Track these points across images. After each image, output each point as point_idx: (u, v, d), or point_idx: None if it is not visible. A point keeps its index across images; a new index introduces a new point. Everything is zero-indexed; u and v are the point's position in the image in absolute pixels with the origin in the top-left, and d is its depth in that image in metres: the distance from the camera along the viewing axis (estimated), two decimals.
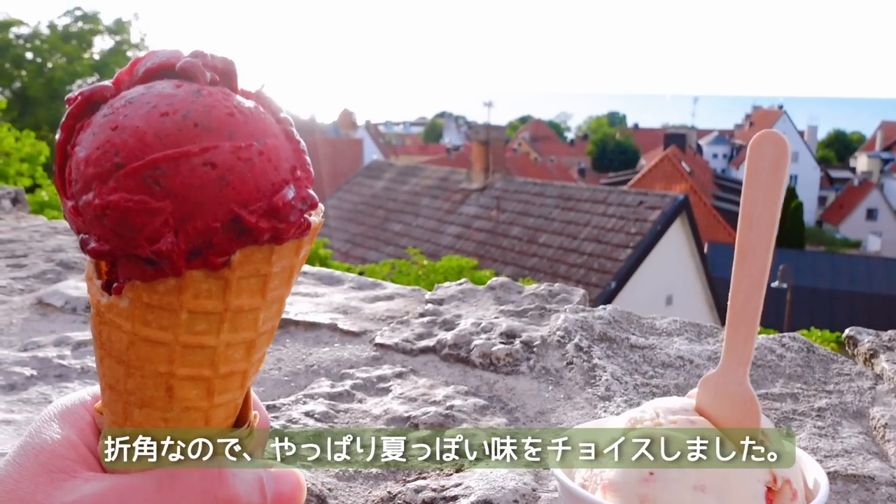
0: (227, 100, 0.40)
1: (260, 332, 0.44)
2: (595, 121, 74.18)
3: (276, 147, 0.41)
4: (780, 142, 0.45)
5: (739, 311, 0.48)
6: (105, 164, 0.39)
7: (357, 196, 20.90)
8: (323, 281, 1.43)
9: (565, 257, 15.40)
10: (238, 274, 0.40)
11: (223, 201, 0.38)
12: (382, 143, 53.48)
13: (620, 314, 1.17)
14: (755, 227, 0.46)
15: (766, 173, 0.45)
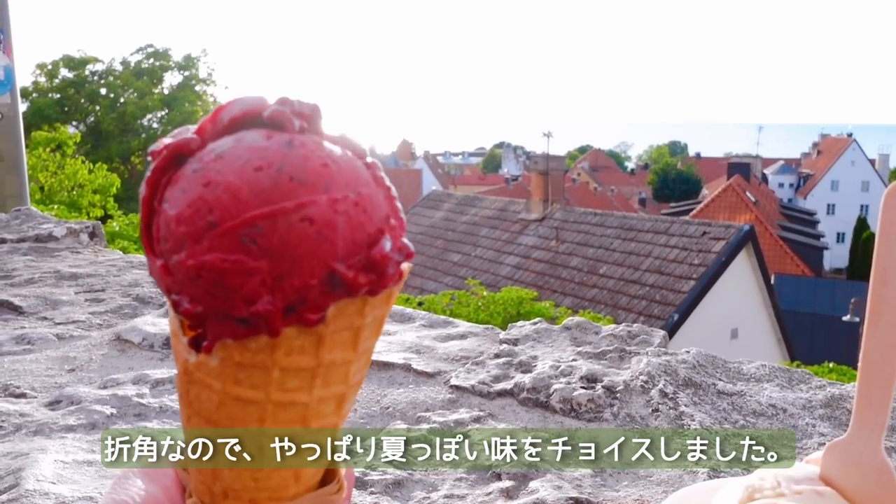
0: (319, 149, 0.39)
1: (351, 385, 0.42)
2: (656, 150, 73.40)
3: (370, 196, 0.40)
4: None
5: (873, 375, 0.44)
6: (198, 222, 0.37)
7: (416, 226, 21.04)
8: (394, 318, 1.42)
9: (626, 289, 15.15)
10: (332, 328, 0.39)
11: (321, 257, 0.37)
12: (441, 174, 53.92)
13: (705, 358, 1.12)
14: (891, 283, 0.42)
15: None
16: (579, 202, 34.56)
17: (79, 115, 21.60)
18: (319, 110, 0.41)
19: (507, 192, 37.39)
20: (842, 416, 0.99)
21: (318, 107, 0.41)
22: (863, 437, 0.45)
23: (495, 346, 1.24)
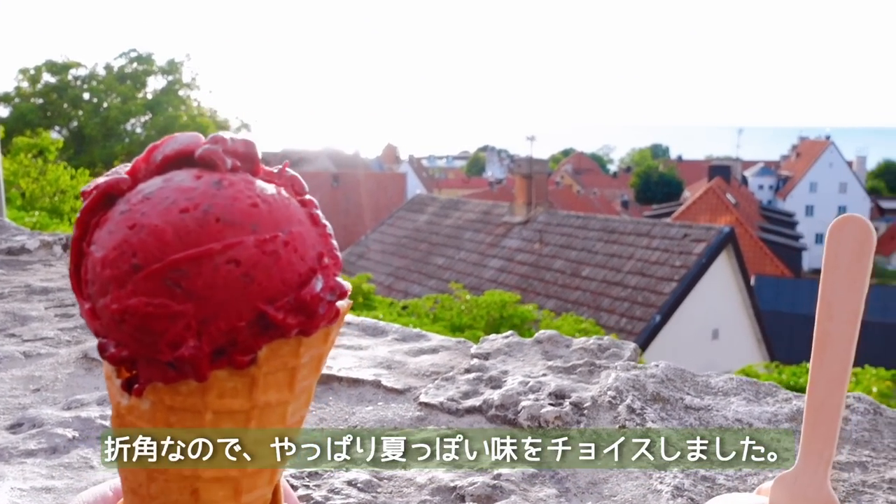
0: (249, 189, 0.38)
1: (288, 425, 0.42)
2: (638, 153, 73.78)
3: (301, 235, 0.39)
4: (864, 227, 0.42)
5: (819, 407, 0.44)
6: (122, 265, 0.37)
7: (400, 230, 21.01)
8: (367, 332, 1.42)
9: (609, 291, 15.22)
10: (265, 370, 0.38)
11: (248, 299, 0.36)
12: (426, 177, 53.89)
13: (674, 371, 1.12)
14: (836, 317, 0.42)
15: (848, 259, 0.42)
16: (563, 205, 34.66)
17: (61, 120, 21.41)
18: (254, 147, 0.41)
19: (491, 195, 37.43)
20: None
21: (252, 143, 0.41)
22: (809, 471, 0.45)
23: (466, 360, 1.24)
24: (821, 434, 0.44)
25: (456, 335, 6.21)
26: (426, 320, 8.95)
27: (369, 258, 20.00)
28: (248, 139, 0.41)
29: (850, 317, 0.42)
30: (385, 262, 19.57)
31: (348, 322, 1.46)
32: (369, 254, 20.27)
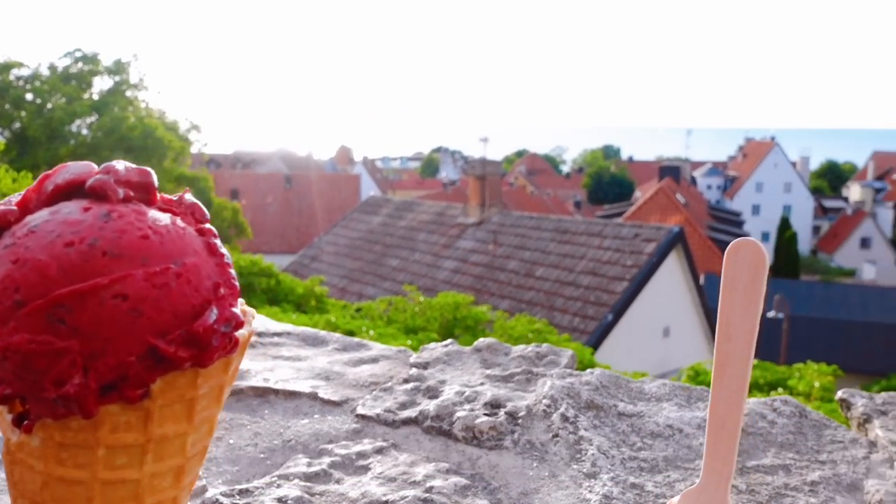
0: (140, 220, 0.38)
1: (189, 456, 0.41)
2: (590, 154, 74.70)
3: (195, 266, 0.39)
4: (756, 249, 0.43)
5: (719, 426, 0.45)
6: (5, 301, 0.36)
7: (354, 231, 20.91)
8: (307, 342, 1.41)
9: (562, 290, 15.38)
10: (160, 402, 0.37)
11: (137, 333, 0.36)
12: (379, 179, 53.70)
13: (609, 378, 1.14)
14: (733, 339, 0.44)
15: (743, 282, 0.43)
16: (516, 206, 34.87)
17: (3, 121, 20.77)
18: (150, 176, 0.40)
19: (445, 196, 37.50)
20: None
21: (148, 172, 0.40)
22: (711, 486, 0.46)
23: (406, 369, 1.24)
24: (721, 451, 0.46)
25: (410, 337, 6.20)
26: (380, 323, 8.91)
27: (323, 260, 19.86)
28: (144, 168, 0.40)
29: (746, 338, 0.43)
30: (339, 264, 19.45)
31: (288, 332, 1.45)
32: (323, 256, 20.13)
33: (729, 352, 0.44)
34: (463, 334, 9.32)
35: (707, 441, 0.47)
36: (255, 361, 1.28)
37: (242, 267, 9.69)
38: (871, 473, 0.93)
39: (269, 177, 39.78)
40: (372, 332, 7.32)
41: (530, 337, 9.18)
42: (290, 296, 10.00)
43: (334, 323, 7.37)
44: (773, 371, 9.05)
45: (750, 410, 1.08)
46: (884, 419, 1.04)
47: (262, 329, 1.45)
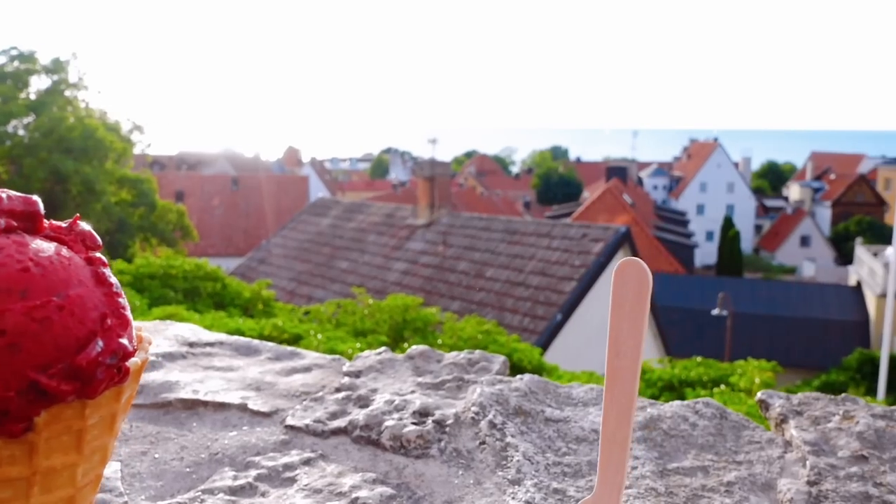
0: (21, 252, 0.37)
1: (80, 486, 0.41)
2: (539, 155, 75.42)
3: (80, 298, 0.38)
4: (641, 270, 0.45)
5: (611, 438, 0.47)
6: None
7: (302, 234, 20.72)
8: (240, 352, 1.39)
9: (512, 291, 15.49)
10: (45, 435, 0.37)
11: (16, 368, 0.35)
12: (328, 180, 53.34)
13: (537, 384, 1.16)
14: (622, 354, 0.45)
15: (630, 301, 0.45)
16: (466, 207, 35.01)
17: None
18: (37, 204, 0.39)
19: (394, 197, 37.45)
20: (657, 437, 1.04)
21: (35, 201, 0.39)
22: (605, 496, 0.48)
23: (339, 378, 1.24)
24: (613, 463, 0.47)
25: (359, 340, 6.15)
26: (328, 326, 8.86)
27: (271, 263, 19.63)
28: (30, 197, 0.39)
29: (634, 353, 0.45)
30: (287, 266, 19.25)
31: (221, 342, 1.44)
32: (271, 258, 19.90)
33: (618, 367, 0.46)
34: (412, 336, 9.32)
35: (601, 452, 0.48)
36: (186, 373, 1.26)
37: (187, 271, 9.53)
38: (785, 473, 0.97)
39: (215, 178, 39.17)
40: (320, 335, 7.27)
41: (480, 338, 9.22)
42: (236, 300, 9.86)
43: (281, 327, 7.30)
44: (716, 368, 9.25)
45: (673, 413, 1.11)
46: (799, 419, 1.08)
47: (195, 339, 1.44)
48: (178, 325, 1.53)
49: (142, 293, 8.84)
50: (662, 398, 8.08)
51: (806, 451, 1.00)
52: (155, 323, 1.53)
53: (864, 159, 71.02)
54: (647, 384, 8.95)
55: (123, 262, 9.78)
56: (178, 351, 1.36)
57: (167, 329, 1.50)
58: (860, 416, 1.08)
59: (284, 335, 7.37)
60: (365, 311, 9.65)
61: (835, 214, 54.91)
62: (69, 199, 19.10)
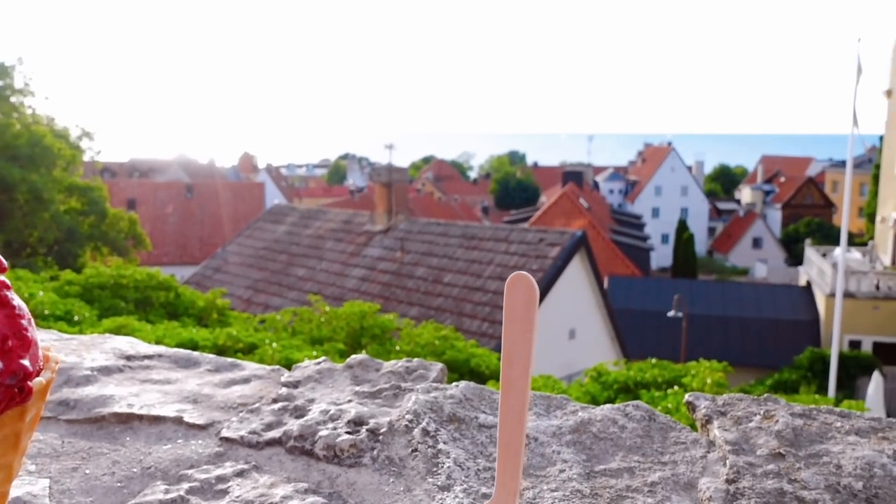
0: None
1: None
2: (496, 160, 75.86)
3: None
4: (529, 283, 0.47)
5: (506, 444, 0.49)
6: None
7: (259, 241, 20.53)
8: (179, 364, 1.39)
9: (470, 296, 15.55)
10: None
11: None
12: (285, 186, 52.91)
13: (473, 391, 1.18)
14: (514, 364, 0.47)
15: (520, 313, 0.47)
16: (424, 212, 35.05)
17: None
18: None
19: (352, 203, 37.30)
20: (586, 440, 1.07)
21: None
22: (502, 500, 0.50)
23: (277, 389, 1.24)
24: (509, 468, 0.49)
25: (315, 348, 6.10)
26: (284, 335, 8.79)
27: (227, 271, 19.40)
28: None
29: (524, 362, 0.47)
30: (243, 274, 19.04)
31: (160, 354, 1.43)
32: (226, 267, 19.66)
33: (511, 376, 0.48)
34: (370, 343, 9.30)
35: (498, 458, 0.50)
36: (122, 387, 1.25)
37: (139, 281, 9.37)
38: (706, 472, 1.00)
39: (168, 185, 38.58)
40: (275, 344, 7.21)
41: (437, 344, 9.25)
42: (190, 309, 9.73)
43: (236, 336, 7.23)
44: (670, 369, 9.41)
45: (603, 417, 1.13)
46: (722, 420, 1.11)
47: (133, 352, 1.43)
48: (117, 339, 1.51)
49: (91, 304, 8.67)
50: (618, 400, 8.19)
51: (727, 451, 1.03)
52: (93, 336, 1.52)
53: (812, 162, 72.99)
54: (604, 386, 9.07)
55: (72, 273, 9.57)
56: (114, 364, 1.35)
57: (105, 342, 1.48)
58: (780, 415, 1.12)
59: (239, 344, 7.30)
60: (322, 319, 9.59)
61: (785, 216, 56.31)
62: (16, 208, 18.63)
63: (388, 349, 8.88)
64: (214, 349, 6.92)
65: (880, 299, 22.52)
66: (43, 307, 7.49)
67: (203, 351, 7.15)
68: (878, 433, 1.08)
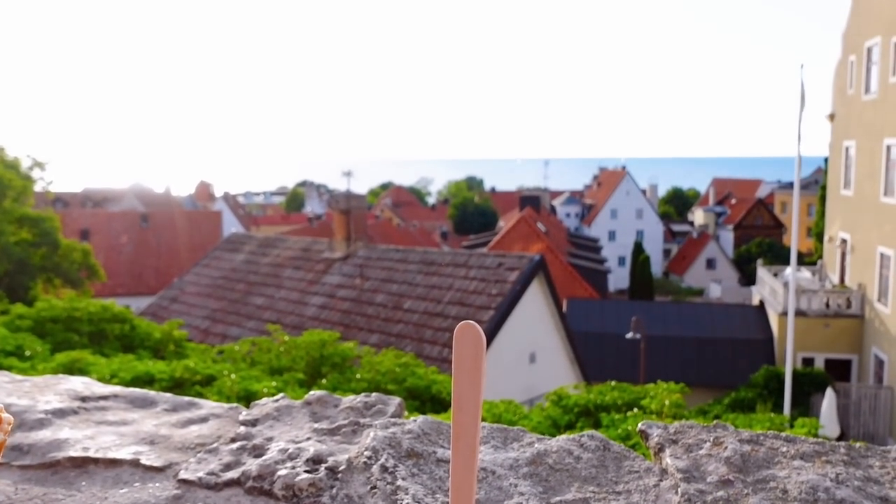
0: None
1: None
2: (454, 185, 76.27)
3: None
4: (476, 333, 0.49)
5: (458, 487, 0.51)
6: None
7: (216, 270, 20.27)
8: (135, 404, 1.38)
9: (430, 322, 15.53)
10: None
11: None
12: (242, 215, 52.41)
13: (430, 425, 1.19)
14: (464, 410, 0.49)
15: (468, 362, 0.49)
16: (383, 238, 35.00)
17: None
18: None
19: (311, 231, 37.09)
20: (542, 472, 1.09)
21: None
22: None
23: (235, 427, 1.24)
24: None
25: (275, 379, 6.02)
26: (243, 365, 8.67)
27: (184, 301, 19.09)
28: None
29: (474, 408, 0.49)
30: (201, 304, 18.75)
31: (115, 394, 1.42)
32: (183, 297, 19.34)
33: (461, 422, 0.50)
34: (330, 372, 9.21)
35: (450, 499, 0.52)
36: (77, 429, 1.24)
37: (93, 313, 9.18)
38: (659, 500, 1.03)
39: (123, 215, 37.93)
40: (233, 375, 7.11)
41: (398, 371, 9.21)
42: (146, 341, 9.55)
43: (193, 368, 7.11)
44: (629, 392, 9.49)
45: (559, 448, 1.16)
46: (674, 447, 1.15)
47: (88, 393, 1.41)
48: (72, 379, 1.49)
49: (44, 338, 8.46)
50: (579, 424, 8.24)
51: (678, 478, 1.06)
52: (46, 378, 1.50)
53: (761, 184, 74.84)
54: (564, 410, 9.11)
55: (23, 306, 9.34)
56: (69, 407, 1.33)
57: (59, 384, 1.46)
58: (729, 441, 1.15)
59: (197, 377, 7.18)
60: (281, 349, 9.49)
61: (737, 237, 57.53)
62: None
63: (348, 377, 8.81)
64: (171, 382, 6.80)
65: (830, 317, 23.08)
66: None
67: (160, 384, 7.00)
68: (822, 457, 1.12)
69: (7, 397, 1.34)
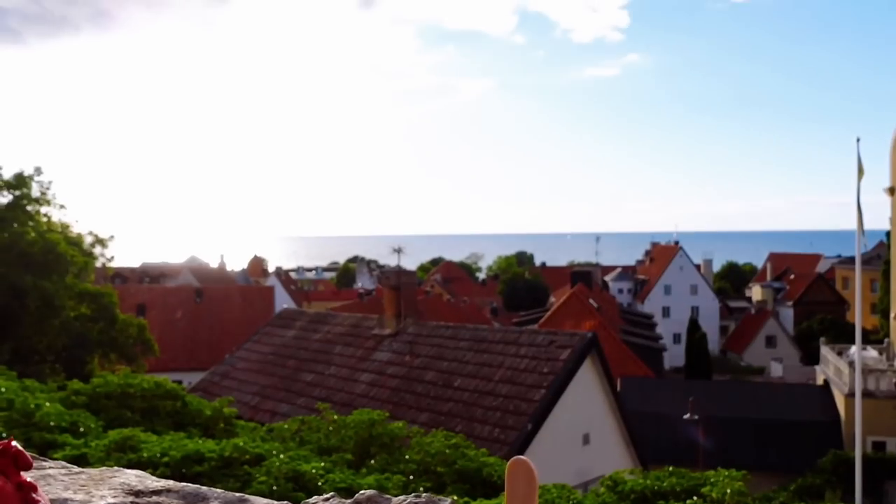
0: None
1: None
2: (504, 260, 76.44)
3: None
4: (528, 467, 0.47)
5: None
6: None
7: (267, 346, 20.43)
8: (186, 500, 1.35)
9: (481, 400, 15.28)
10: None
11: None
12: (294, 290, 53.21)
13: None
14: None
15: (522, 492, 0.46)
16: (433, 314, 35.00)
17: None
18: None
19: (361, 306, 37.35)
20: None
21: None
22: None
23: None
24: None
25: (323, 459, 5.97)
26: (292, 445, 8.61)
27: (234, 377, 19.23)
28: None
29: None
30: (251, 380, 18.86)
31: (168, 489, 1.40)
32: (234, 372, 19.50)
33: None
34: (379, 452, 9.08)
35: None
36: None
37: (146, 390, 9.29)
38: None
39: (178, 290, 38.84)
40: (282, 455, 7.05)
41: (448, 452, 9.03)
42: (196, 419, 9.59)
43: (242, 447, 7.08)
44: (688, 478, 9.11)
45: None
46: None
47: (141, 487, 1.40)
48: (126, 472, 1.48)
49: (98, 414, 8.57)
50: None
51: None
52: (102, 470, 1.49)
53: (821, 259, 73.15)
54: (620, 497, 8.78)
55: (79, 382, 9.51)
56: (122, 503, 1.32)
57: (114, 477, 1.45)
58: None
59: (246, 456, 7.15)
60: (329, 428, 9.43)
61: (797, 314, 55.88)
62: (26, 315, 18.72)
63: (397, 458, 8.67)
64: (221, 461, 6.78)
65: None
66: (49, 418, 7.40)
67: (209, 463, 6.98)
68: None
69: (63, 491, 1.34)
